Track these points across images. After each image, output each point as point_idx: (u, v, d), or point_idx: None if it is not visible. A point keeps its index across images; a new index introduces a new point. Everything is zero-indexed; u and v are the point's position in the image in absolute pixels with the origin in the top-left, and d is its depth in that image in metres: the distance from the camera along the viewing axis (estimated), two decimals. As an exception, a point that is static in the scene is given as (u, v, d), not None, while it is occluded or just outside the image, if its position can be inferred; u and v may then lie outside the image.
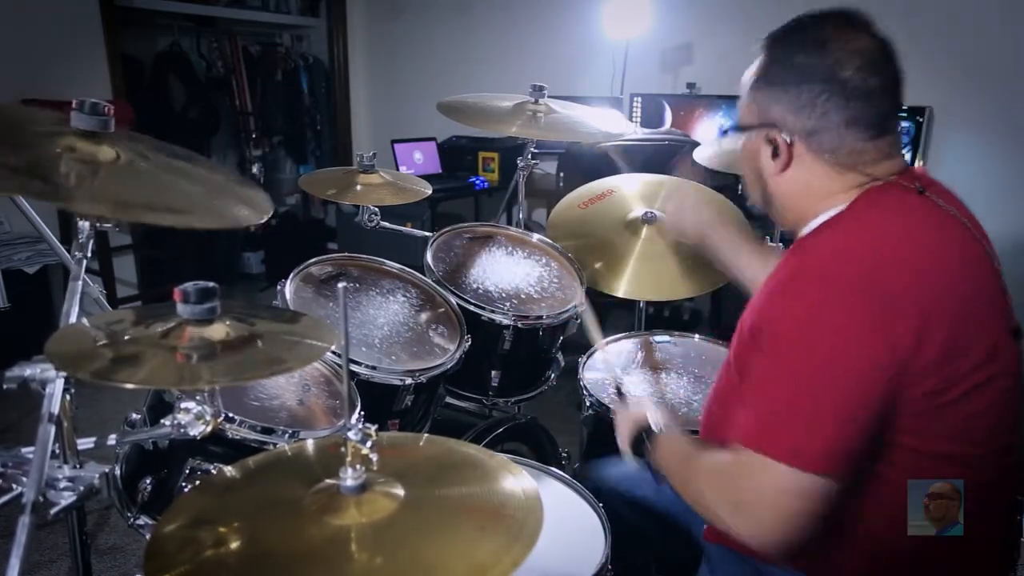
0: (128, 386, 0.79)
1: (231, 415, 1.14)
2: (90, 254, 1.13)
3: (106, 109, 1.07)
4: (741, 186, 1.80)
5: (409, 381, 1.43)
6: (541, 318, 1.67)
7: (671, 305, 3.80)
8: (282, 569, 0.73)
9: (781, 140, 1.02)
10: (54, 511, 0.86)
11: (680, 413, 1.59)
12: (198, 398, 0.95)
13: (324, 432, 1.24)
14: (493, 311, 1.64)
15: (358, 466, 0.78)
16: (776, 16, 1.09)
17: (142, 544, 0.99)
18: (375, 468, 0.80)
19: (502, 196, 2.28)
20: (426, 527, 0.78)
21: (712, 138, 3.44)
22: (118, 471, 1.25)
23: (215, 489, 0.90)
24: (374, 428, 0.80)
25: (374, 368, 1.40)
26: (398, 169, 3.90)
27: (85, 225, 1.13)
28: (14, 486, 0.88)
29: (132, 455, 1.26)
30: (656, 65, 3.90)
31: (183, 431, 0.95)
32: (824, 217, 1.03)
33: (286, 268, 1.57)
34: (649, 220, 1.88)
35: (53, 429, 0.87)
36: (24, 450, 0.90)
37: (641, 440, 1.18)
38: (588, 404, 1.62)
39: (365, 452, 0.79)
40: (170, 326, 0.88)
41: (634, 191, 1.97)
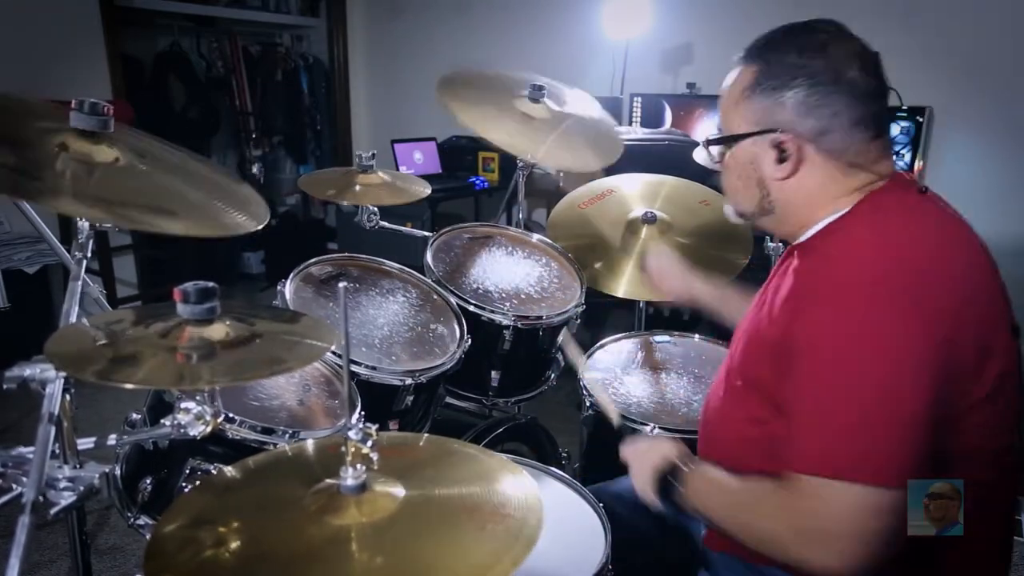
0: (128, 386, 0.79)
1: (231, 415, 1.14)
2: (90, 254, 1.14)
3: (105, 109, 1.07)
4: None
5: (409, 381, 1.43)
6: (541, 318, 1.67)
7: (671, 305, 3.79)
8: (282, 569, 0.73)
9: (790, 143, 1.02)
10: (54, 511, 0.86)
11: (680, 413, 1.59)
12: (198, 398, 0.95)
13: (324, 432, 1.24)
14: (493, 311, 1.64)
15: (358, 466, 0.78)
16: (776, 16, 1.09)
17: (142, 544, 0.99)
18: (375, 468, 0.80)
19: (502, 196, 2.27)
20: (426, 527, 0.78)
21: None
22: (118, 471, 1.25)
23: (215, 489, 0.90)
24: (374, 428, 0.80)
25: (374, 368, 1.40)
26: (398, 169, 3.90)
27: (85, 225, 1.13)
28: (14, 486, 0.88)
29: (132, 455, 1.26)
30: (656, 65, 3.90)
31: (183, 431, 0.95)
32: (827, 221, 1.03)
33: (286, 268, 1.57)
34: (649, 220, 1.88)
35: (53, 429, 0.87)
36: (24, 450, 0.89)
37: (667, 481, 1.10)
38: (588, 404, 1.62)
39: (365, 452, 0.79)
40: (170, 326, 0.88)
41: (634, 191, 1.97)
